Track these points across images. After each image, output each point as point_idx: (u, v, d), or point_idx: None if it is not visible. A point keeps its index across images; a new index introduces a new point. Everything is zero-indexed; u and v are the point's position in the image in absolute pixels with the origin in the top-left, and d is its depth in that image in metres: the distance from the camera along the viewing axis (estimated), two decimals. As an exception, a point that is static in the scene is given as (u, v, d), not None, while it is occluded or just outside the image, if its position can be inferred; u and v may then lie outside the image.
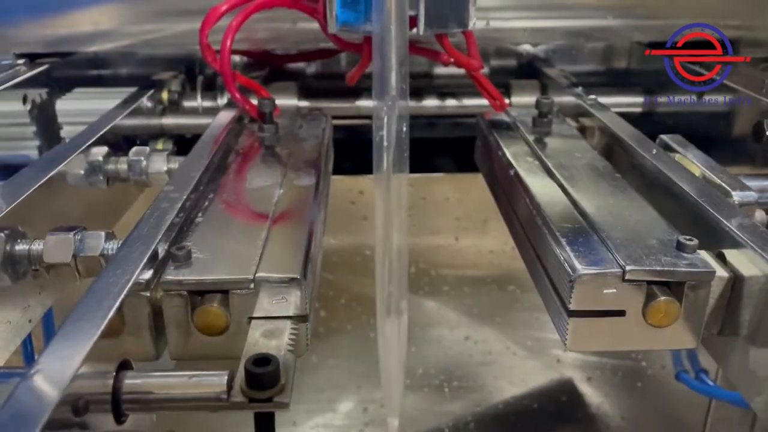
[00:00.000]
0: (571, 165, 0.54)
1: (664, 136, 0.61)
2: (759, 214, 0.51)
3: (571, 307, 0.39)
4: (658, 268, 0.39)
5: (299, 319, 0.38)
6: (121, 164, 0.62)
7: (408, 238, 0.40)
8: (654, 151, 0.56)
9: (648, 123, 0.83)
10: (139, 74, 0.85)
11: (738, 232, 0.41)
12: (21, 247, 0.45)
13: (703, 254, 0.41)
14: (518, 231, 0.54)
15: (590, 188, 0.50)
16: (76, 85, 0.79)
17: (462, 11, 0.57)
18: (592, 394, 1.02)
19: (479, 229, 0.87)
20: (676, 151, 0.59)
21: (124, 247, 0.39)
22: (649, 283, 0.39)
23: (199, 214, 0.46)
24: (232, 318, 0.38)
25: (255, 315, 0.38)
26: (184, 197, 0.46)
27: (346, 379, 0.94)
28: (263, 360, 0.30)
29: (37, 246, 0.45)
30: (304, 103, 0.83)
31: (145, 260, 0.38)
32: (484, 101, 0.72)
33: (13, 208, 0.44)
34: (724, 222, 0.43)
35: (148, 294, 0.37)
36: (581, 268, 0.39)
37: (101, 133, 0.60)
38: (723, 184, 0.50)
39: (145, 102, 0.72)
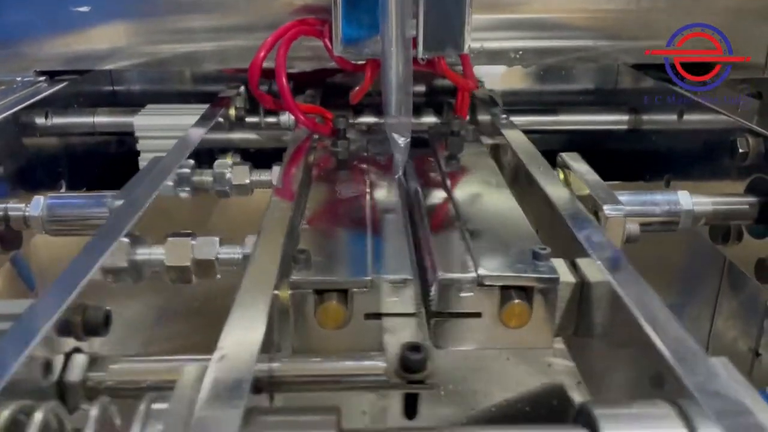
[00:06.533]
0: (468, 179, 0.60)
1: (563, 154, 0.62)
2: (631, 227, 0.53)
3: (432, 308, 0.42)
4: (509, 274, 0.42)
5: (411, 316, 0.42)
6: (206, 176, 0.67)
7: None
8: (540, 168, 0.59)
9: (633, 139, 0.86)
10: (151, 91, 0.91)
11: (585, 244, 0.44)
12: (143, 250, 0.49)
13: (558, 262, 0.44)
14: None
15: (476, 199, 0.55)
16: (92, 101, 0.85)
17: (458, 36, 0.63)
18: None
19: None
20: (570, 168, 0.61)
21: (258, 252, 0.44)
22: (503, 288, 0.42)
23: (303, 222, 0.51)
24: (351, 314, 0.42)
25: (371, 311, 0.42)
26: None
27: None
28: (415, 348, 0.34)
29: (156, 251, 0.49)
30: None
31: (278, 264, 0.42)
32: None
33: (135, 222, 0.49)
34: (576, 235, 0.46)
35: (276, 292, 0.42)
36: (441, 273, 0.42)
37: (191, 150, 0.65)
38: (597, 200, 0.53)
39: (219, 119, 0.77)
